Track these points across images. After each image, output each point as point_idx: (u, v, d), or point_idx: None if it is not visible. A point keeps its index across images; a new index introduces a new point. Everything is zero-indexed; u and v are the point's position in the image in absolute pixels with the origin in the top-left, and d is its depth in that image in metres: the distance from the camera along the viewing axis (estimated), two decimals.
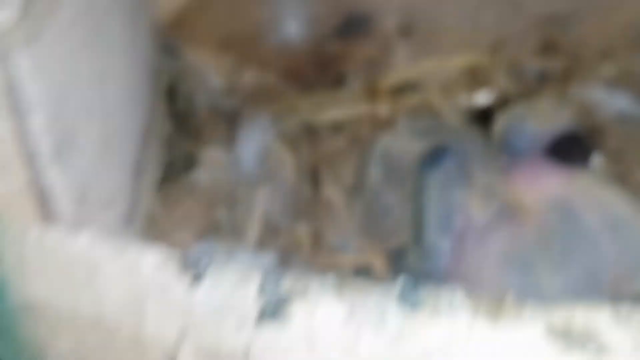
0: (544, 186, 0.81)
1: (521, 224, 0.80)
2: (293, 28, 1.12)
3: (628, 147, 1.04)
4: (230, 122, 1.10)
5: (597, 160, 0.79)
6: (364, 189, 0.97)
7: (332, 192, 1.00)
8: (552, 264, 0.78)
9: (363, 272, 0.91)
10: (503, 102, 1.08)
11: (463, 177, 0.85)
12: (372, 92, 1.14)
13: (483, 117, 1.04)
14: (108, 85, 0.73)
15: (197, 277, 0.51)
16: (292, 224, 0.95)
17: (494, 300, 0.49)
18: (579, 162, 0.81)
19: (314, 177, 1.02)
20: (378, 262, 0.91)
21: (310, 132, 1.09)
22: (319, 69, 1.17)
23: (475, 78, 1.16)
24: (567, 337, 0.49)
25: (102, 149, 0.68)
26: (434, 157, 0.87)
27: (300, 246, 0.92)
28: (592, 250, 0.78)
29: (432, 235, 0.84)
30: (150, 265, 0.52)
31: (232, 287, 0.51)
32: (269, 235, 0.92)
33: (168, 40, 1.10)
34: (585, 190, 0.80)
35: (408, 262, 0.86)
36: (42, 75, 0.51)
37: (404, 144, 0.94)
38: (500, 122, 0.86)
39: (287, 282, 0.51)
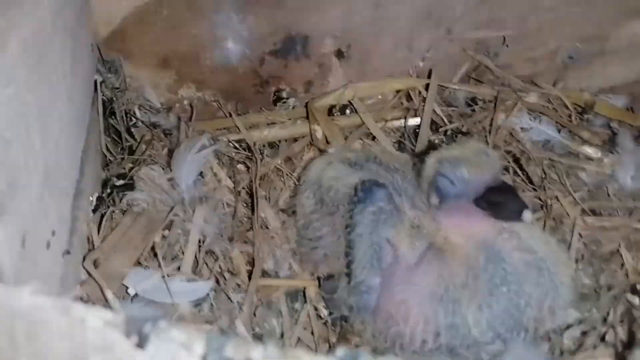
0: (473, 229, 0.83)
1: (449, 263, 0.83)
2: (232, 47, 1.12)
3: (550, 176, 1.10)
4: (168, 140, 1.10)
5: (528, 216, 0.81)
6: (297, 216, 0.98)
7: (268, 214, 1.01)
8: (478, 302, 0.81)
9: (296, 297, 0.94)
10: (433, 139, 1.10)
11: (393, 214, 0.87)
12: (308, 113, 1.15)
13: (415, 152, 1.07)
14: (52, 114, 0.73)
15: (141, 341, 0.53)
16: (229, 247, 0.95)
17: None
18: (510, 216, 0.82)
19: (250, 198, 1.03)
20: (311, 288, 0.93)
21: (248, 152, 1.10)
22: (257, 88, 1.18)
23: (408, 101, 1.19)
24: None
25: (45, 183, 0.68)
26: (365, 192, 0.87)
27: (236, 269, 0.93)
28: (516, 289, 0.81)
29: (362, 272, 0.85)
30: (95, 326, 0.53)
31: (174, 353, 0.53)
32: (206, 259, 0.93)
33: (108, 56, 1.09)
34: (512, 235, 0.83)
35: (339, 295, 0.87)
36: None
37: (336, 175, 0.94)
38: (431, 168, 0.87)
39: (230, 350, 0.53)
